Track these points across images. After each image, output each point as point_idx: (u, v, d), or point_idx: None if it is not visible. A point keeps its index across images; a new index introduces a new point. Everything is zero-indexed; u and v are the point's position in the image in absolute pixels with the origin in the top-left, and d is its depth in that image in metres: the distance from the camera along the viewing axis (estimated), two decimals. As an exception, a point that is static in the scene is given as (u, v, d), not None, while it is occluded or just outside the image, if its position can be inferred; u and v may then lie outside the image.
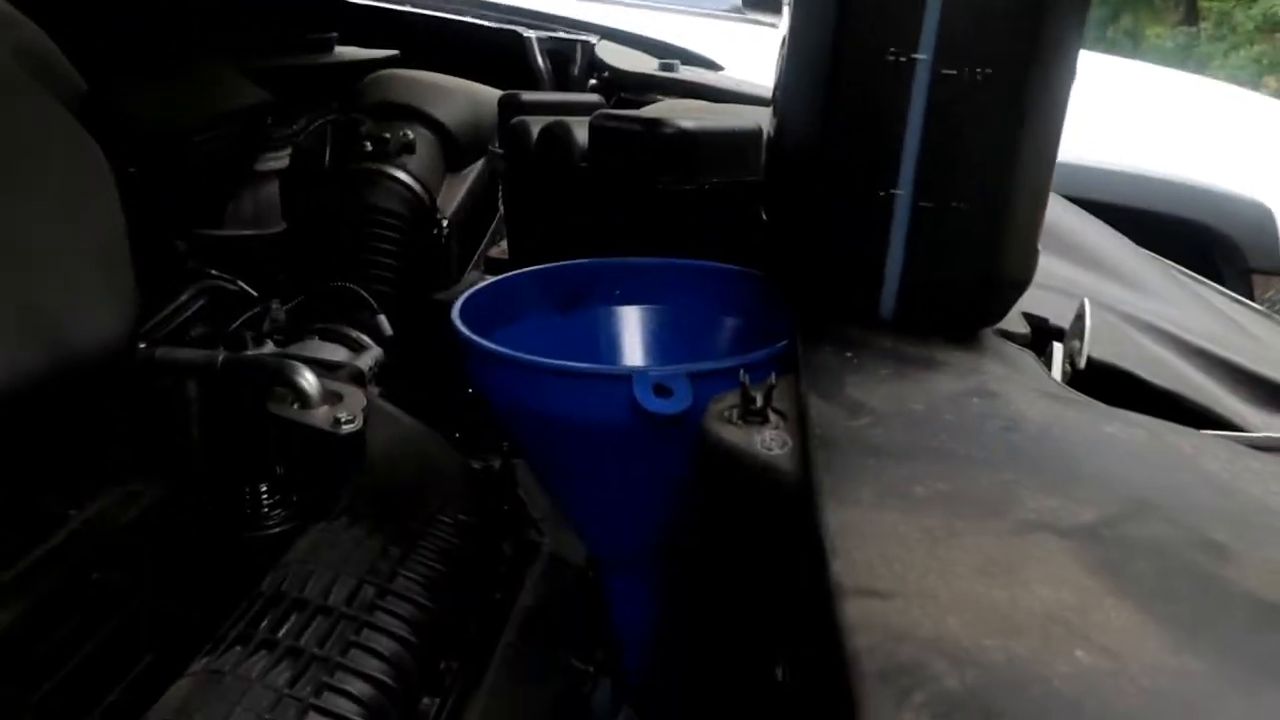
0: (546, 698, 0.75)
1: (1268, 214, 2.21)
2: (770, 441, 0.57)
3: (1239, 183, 2.21)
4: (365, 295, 1.26)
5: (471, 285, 1.41)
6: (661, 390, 0.67)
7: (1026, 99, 0.64)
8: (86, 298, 0.52)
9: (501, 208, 1.60)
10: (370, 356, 1.12)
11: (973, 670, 0.33)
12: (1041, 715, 0.30)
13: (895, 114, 0.64)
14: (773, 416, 0.59)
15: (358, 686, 0.63)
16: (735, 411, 0.60)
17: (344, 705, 0.62)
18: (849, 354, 0.65)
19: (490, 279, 0.91)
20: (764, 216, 0.76)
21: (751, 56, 1.94)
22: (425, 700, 0.69)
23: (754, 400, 0.59)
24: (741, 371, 0.60)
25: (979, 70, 0.63)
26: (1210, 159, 2.26)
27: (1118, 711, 0.30)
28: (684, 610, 0.85)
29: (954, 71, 0.63)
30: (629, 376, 0.68)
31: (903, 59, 0.63)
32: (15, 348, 0.45)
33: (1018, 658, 0.33)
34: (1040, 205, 0.68)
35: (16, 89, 0.60)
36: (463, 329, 0.76)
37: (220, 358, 0.90)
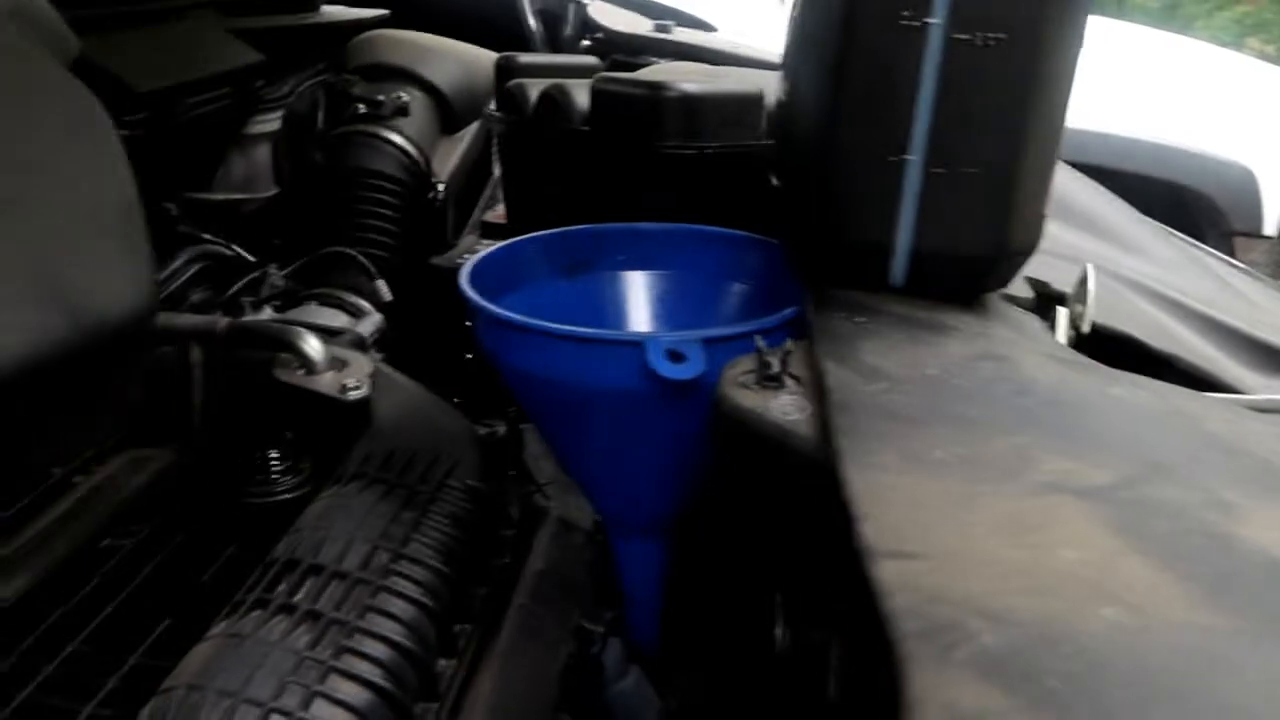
0: (559, 659, 0.77)
1: (1250, 176, 2.23)
2: (787, 407, 0.58)
3: (1221, 144, 2.22)
4: (363, 260, 1.25)
5: (467, 249, 1.41)
6: (675, 356, 0.67)
7: (1038, 64, 0.64)
8: (105, 264, 0.51)
9: (497, 171, 1.59)
10: (370, 322, 1.12)
11: (1008, 628, 0.34)
12: (1078, 672, 0.31)
13: (907, 79, 0.64)
14: (788, 382, 0.60)
15: (377, 649, 0.64)
16: (751, 377, 0.60)
17: (364, 668, 0.63)
18: (861, 319, 0.65)
19: (495, 244, 0.91)
20: (774, 182, 0.76)
21: (743, 18, 1.93)
22: (441, 662, 0.70)
23: (770, 366, 0.60)
24: (758, 337, 0.61)
25: (991, 35, 0.63)
26: (1192, 120, 2.27)
27: (1150, 668, 0.32)
28: (696, 573, 0.86)
29: (967, 36, 0.63)
30: (642, 342, 0.68)
31: (916, 23, 0.63)
32: (41, 314, 0.45)
33: (1049, 616, 0.35)
34: (1049, 170, 0.69)
35: (20, 52, 0.59)
36: (473, 295, 0.76)
37: (223, 323, 0.89)
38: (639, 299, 0.91)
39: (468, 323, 0.82)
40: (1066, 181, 1.07)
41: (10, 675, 0.64)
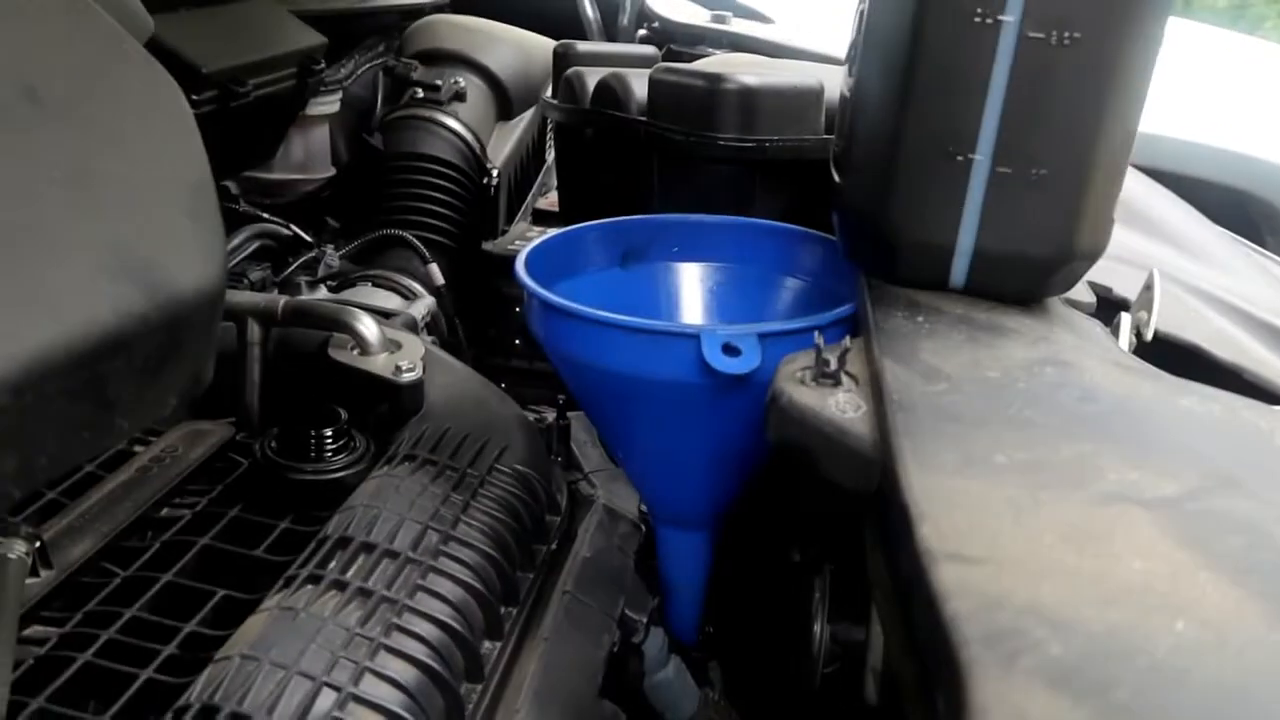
0: (602, 646, 0.77)
1: (1313, 182, 2.15)
2: (844, 404, 0.57)
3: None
4: (417, 243, 1.26)
5: (519, 236, 1.42)
6: (730, 349, 0.67)
7: (1113, 65, 0.63)
8: (181, 240, 0.52)
9: (550, 158, 1.60)
10: (423, 305, 1.13)
11: (1075, 638, 0.33)
12: (1149, 685, 0.31)
13: (978, 77, 0.63)
14: (845, 379, 0.60)
15: (425, 628, 0.65)
16: (808, 373, 0.60)
17: (413, 646, 0.63)
18: (920, 319, 0.65)
19: (549, 231, 0.91)
20: (835, 178, 0.76)
21: (800, 11, 1.90)
22: (486, 644, 0.71)
23: (828, 363, 0.59)
24: (817, 333, 0.60)
25: (1066, 34, 0.62)
26: (1258, 125, 2.20)
27: (1224, 684, 0.31)
28: (739, 566, 0.86)
29: (1041, 35, 0.62)
30: (698, 335, 0.68)
31: (989, 20, 0.62)
32: (119, 287, 0.46)
33: (1118, 628, 0.34)
34: (1119, 174, 0.68)
35: (106, 32, 0.60)
36: (528, 281, 0.77)
37: (282, 303, 0.91)
38: (692, 290, 0.91)
39: (517, 309, 0.83)
40: (1131, 184, 1.04)
41: (72, 639, 0.66)
